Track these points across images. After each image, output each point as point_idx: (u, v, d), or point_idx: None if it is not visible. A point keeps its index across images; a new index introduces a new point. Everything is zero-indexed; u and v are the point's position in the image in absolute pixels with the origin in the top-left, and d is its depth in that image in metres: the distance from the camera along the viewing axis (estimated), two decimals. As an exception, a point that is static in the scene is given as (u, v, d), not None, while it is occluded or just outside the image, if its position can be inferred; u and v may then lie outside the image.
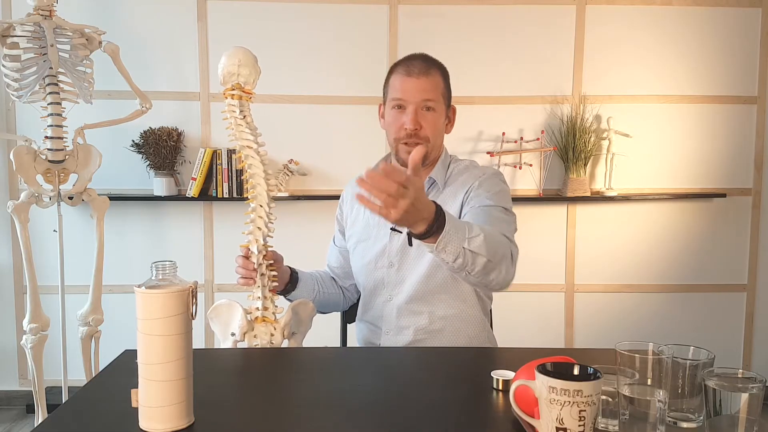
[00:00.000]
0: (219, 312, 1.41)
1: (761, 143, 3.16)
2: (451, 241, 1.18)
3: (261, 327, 1.38)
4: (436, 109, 1.47)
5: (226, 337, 1.40)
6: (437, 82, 1.48)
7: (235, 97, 1.37)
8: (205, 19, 3.01)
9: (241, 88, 1.37)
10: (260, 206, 1.37)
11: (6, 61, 2.34)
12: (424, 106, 1.46)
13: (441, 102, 1.49)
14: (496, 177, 1.53)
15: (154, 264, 0.93)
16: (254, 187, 1.38)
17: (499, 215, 1.42)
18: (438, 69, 1.50)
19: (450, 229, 1.17)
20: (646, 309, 3.21)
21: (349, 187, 1.72)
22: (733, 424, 0.82)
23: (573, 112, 3.09)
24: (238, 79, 1.36)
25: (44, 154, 2.40)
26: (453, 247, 1.18)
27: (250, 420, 0.97)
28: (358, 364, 1.27)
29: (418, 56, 1.51)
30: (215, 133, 3.05)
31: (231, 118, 1.38)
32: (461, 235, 1.20)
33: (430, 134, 1.47)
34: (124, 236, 3.07)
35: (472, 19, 3.05)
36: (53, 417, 0.99)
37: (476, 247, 1.21)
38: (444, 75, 1.51)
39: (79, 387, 1.19)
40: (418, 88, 1.46)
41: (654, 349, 0.95)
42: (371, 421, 0.97)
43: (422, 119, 1.46)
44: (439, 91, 1.48)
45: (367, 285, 1.59)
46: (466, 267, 1.22)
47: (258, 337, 1.37)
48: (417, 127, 1.45)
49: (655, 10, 3.09)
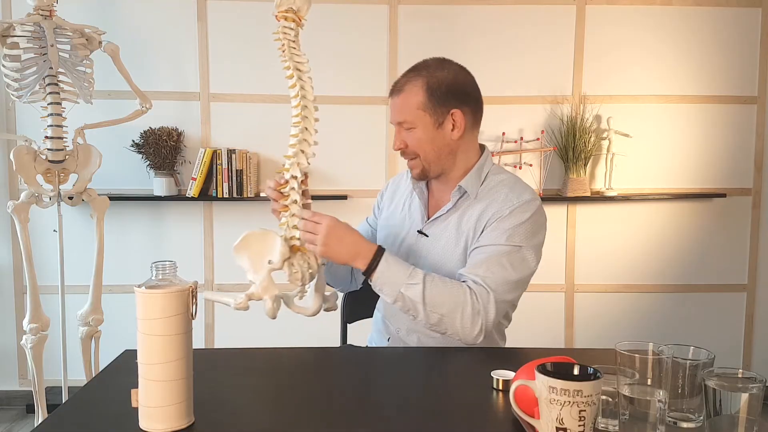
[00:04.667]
0: (249, 242, 1.32)
1: (761, 143, 3.16)
2: (386, 282, 1.31)
3: (298, 255, 1.32)
4: (415, 126, 1.41)
5: (259, 267, 1.31)
6: (413, 96, 1.41)
7: (289, 20, 1.33)
8: (205, 19, 3.01)
9: (295, 13, 1.33)
10: (306, 129, 1.32)
11: (6, 61, 2.34)
12: (402, 126, 1.44)
13: (421, 116, 1.41)
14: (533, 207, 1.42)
15: (154, 264, 0.93)
16: (303, 108, 1.32)
17: (499, 259, 1.36)
18: (421, 77, 1.42)
19: (383, 270, 1.31)
20: (646, 309, 3.21)
21: (393, 182, 1.69)
22: (733, 424, 0.82)
23: (573, 112, 3.09)
24: (294, 3, 1.32)
25: (44, 154, 2.40)
26: (389, 289, 1.31)
27: (250, 420, 0.97)
28: (359, 364, 1.27)
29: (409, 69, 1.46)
30: (215, 133, 3.05)
31: (285, 39, 1.33)
32: (399, 280, 1.30)
33: (416, 149, 1.43)
34: (124, 236, 3.07)
35: (471, 19, 3.05)
36: (53, 417, 0.99)
37: (413, 295, 1.30)
38: (429, 82, 1.41)
39: (79, 387, 1.19)
40: (394, 108, 1.45)
41: (654, 349, 0.95)
42: (371, 421, 0.97)
43: (405, 137, 1.44)
44: (416, 106, 1.41)
45: None
46: (408, 311, 1.32)
47: (295, 265, 1.31)
48: (401, 146, 1.45)
49: (655, 10, 3.09)
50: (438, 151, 1.44)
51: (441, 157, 1.45)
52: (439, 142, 1.43)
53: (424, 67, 1.45)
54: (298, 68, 1.34)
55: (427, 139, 1.42)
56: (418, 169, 1.46)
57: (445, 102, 1.42)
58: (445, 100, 1.42)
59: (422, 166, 1.45)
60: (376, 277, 1.31)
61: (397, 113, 1.44)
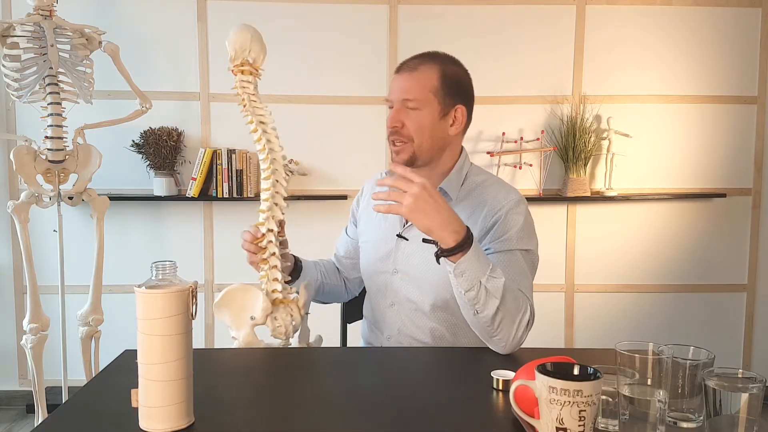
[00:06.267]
0: (230, 298, 1.32)
1: (761, 143, 3.16)
2: (470, 268, 1.19)
3: (280, 308, 1.33)
4: (421, 107, 1.37)
5: (241, 323, 1.32)
6: (427, 78, 1.38)
7: (245, 73, 1.33)
8: (205, 19, 3.01)
9: (251, 65, 1.33)
10: (277, 181, 1.32)
11: (6, 61, 2.34)
12: (406, 105, 1.37)
13: (430, 100, 1.38)
14: (523, 207, 1.41)
15: (154, 264, 0.93)
16: (272, 162, 1.32)
17: (520, 265, 1.34)
18: (436, 64, 1.39)
19: (472, 256, 1.19)
20: (646, 309, 3.21)
21: (368, 185, 1.67)
22: (733, 424, 0.82)
23: (573, 112, 3.09)
24: (249, 55, 1.32)
25: (44, 154, 2.40)
26: (470, 275, 1.19)
27: (250, 420, 0.97)
28: (358, 364, 1.27)
29: (421, 54, 1.43)
30: (215, 133, 3.05)
31: (244, 94, 1.33)
32: (483, 269, 1.20)
33: (413, 132, 1.37)
34: (124, 236, 3.07)
35: (472, 19, 3.05)
36: (53, 417, 0.99)
37: (493, 288, 1.20)
38: (444, 70, 1.39)
39: (79, 387, 1.19)
40: (401, 85, 1.39)
41: (654, 349, 0.95)
42: (371, 421, 0.97)
43: (405, 117, 1.37)
44: (428, 89, 1.37)
45: (371, 287, 1.57)
46: (476, 304, 1.21)
47: (278, 319, 1.32)
48: (397, 125, 1.38)
49: (655, 10, 3.09)
50: (433, 141, 1.40)
51: (434, 148, 1.41)
52: (437, 132, 1.40)
53: (436, 55, 1.42)
54: (262, 121, 1.34)
55: (428, 125, 1.38)
56: (407, 154, 1.39)
57: (454, 95, 1.40)
58: (455, 93, 1.41)
59: (412, 151, 1.39)
60: (462, 260, 1.18)
61: (404, 91, 1.38)
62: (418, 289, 1.44)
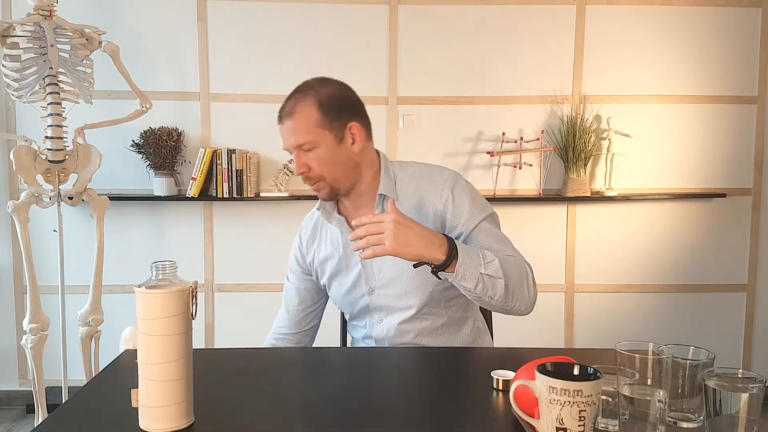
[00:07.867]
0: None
1: (761, 143, 3.16)
2: (467, 268, 1.23)
3: None
4: (317, 145, 1.35)
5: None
6: (307, 116, 1.36)
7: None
8: (205, 19, 3.01)
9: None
10: None
11: (6, 61, 2.35)
12: (301, 149, 1.37)
13: (320, 134, 1.35)
14: (461, 181, 1.44)
15: (154, 264, 0.93)
16: None
17: (493, 231, 1.39)
18: (309, 96, 1.37)
19: (463, 256, 1.23)
20: (646, 309, 3.21)
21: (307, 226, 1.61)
22: (733, 424, 0.82)
23: (573, 112, 3.09)
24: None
25: (44, 154, 2.40)
26: (470, 273, 1.23)
27: (250, 420, 0.97)
28: (358, 364, 1.27)
29: (293, 92, 1.41)
30: (215, 133, 3.05)
31: None
32: (477, 261, 1.24)
33: (321, 171, 1.37)
34: (124, 236, 3.07)
35: (471, 19, 3.05)
36: (53, 417, 0.99)
37: (493, 272, 1.25)
38: (320, 99, 1.37)
39: (79, 387, 1.19)
40: (288, 133, 1.38)
41: (654, 349, 0.95)
42: (371, 421, 0.97)
43: (307, 159, 1.37)
44: (313, 125, 1.35)
45: (353, 313, 1.55)
46: (487, 293, 1.25)
47: None
48: (304, 170, 1.38)
49: (655, 10, 3.09)
50: (343, 167, 1.39)
51: (347, 173, 1.40)
52: (342, 157, 1.39)
53: (307, 87, 1.40)
54: None
55: (330, 157, 1.37)
56: (326, 189, 1.40)
57: (339, 116, 1.38)
58: (339, 114, 1.38)
59: (330, 186, 1.39)
60: (459, 263, 1.22)
61: (293, 137, 1.37)
62: (404, 295, 1.44)
